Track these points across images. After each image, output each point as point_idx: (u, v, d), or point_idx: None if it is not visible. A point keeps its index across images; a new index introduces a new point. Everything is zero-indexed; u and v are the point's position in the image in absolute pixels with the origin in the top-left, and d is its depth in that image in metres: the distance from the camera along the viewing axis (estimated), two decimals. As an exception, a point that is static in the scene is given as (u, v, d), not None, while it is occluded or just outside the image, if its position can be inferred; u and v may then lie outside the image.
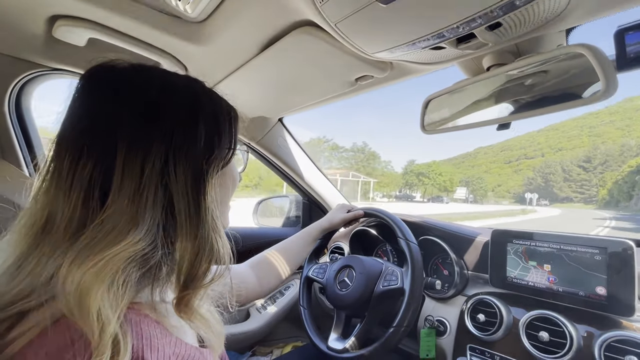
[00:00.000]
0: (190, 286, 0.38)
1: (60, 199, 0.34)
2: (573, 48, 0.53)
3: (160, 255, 0.36)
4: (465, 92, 0.72)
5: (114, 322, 0.29)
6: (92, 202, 0.34)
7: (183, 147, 0.38)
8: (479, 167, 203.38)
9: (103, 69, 0.39)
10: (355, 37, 0.60)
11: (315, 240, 1.02)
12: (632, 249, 0.68)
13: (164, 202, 0.36)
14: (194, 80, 0.43)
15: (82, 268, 0.30)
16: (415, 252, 0.85)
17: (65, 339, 0.28)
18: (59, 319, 0.29)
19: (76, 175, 0.34)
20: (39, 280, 0.31)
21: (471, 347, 0.84)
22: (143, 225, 0.34)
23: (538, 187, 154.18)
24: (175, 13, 0.65)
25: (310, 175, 1.41)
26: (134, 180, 0.34)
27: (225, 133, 0.43)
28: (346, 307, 0.86)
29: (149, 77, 0.40)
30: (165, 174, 0.36)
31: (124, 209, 0.34)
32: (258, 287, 0.85)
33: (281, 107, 1.14)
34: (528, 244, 0.83)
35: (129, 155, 0.35)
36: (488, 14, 0.48)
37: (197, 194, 0.38)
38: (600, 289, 0.71)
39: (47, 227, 0.34)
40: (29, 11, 0.64)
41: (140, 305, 0.36)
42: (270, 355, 1.28)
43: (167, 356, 0.33)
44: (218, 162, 0.42)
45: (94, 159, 0.35)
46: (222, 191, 0.47)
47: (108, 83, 0.38)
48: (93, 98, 0.38)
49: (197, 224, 0.38)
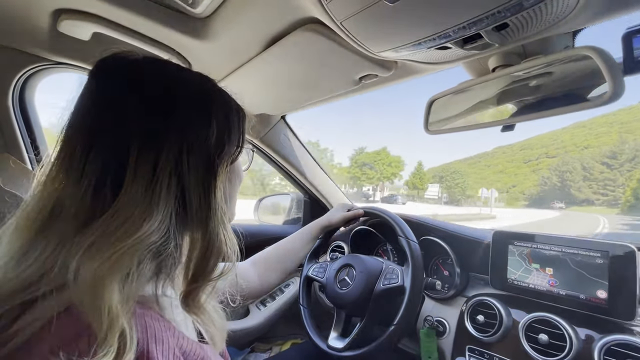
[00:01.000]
0: (199, 280, 0.38)
1: (70, 187, 0.34)
2: (580, 50, 0.52)
3: (172, 247, 0.36)
4: (469, 92, 0.72)
5: (122, 317, 0.29)
6: (104, 191, 0.34)
7: (196, 140, 0.38)
8: (494, 167, 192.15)
9: (114, 60, 0.39)
10: (361, 35, 0.60)
11: (316, 238, 1.02)
12: (634, 253, 0.68)
13: (176, 193, 0.37)
14: (206, 78, 0.44)
15: (97, 259, 0.30)
16: (416, 251, 0.85)
17: (71, 331, 0.28)
18: (67, 309, 0.29)
19: (87, 164, 0.34)
20: (48, 267, 0.31)
21: (470, 348, 0.84)
22: (157, 216, 0.34)
23: (553, 188, 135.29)
24: (180, 9, 0.65)
25: (312, 173, 1.41)
26: (148, 171, 0.35)
27: (235, 130, 0.44)
28: (346, 305, 0.86)
29: (163, 69, 0.40)
30: (179, 166, 0.36)
31: (138, 198, 0.34)
32: (258, 284, 0.85)
33: (284, 105, 1.14)
34: (529, 245, 0.83)
35: (143, 148, 0.35)
36: (495, 15, 0.48)
37: (208, 188, 0.39)
38: (601, 293, 0.71)
39: (54, 215, 0.34)
40: (34, 4, 0.64)
41: (144, 298, 0.36)
42: (269, 352, 1.29)
43: (171, 349, 0.33)
44: (228, 159, 0.42)
45: (108, 148, 0.35)
46: (229, 187, 0.48)
47: (121, 73, 0.38)
48: (106, 87, 0.38)
49: (207, 217, 0.38)
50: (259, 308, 1.25)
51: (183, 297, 0.39)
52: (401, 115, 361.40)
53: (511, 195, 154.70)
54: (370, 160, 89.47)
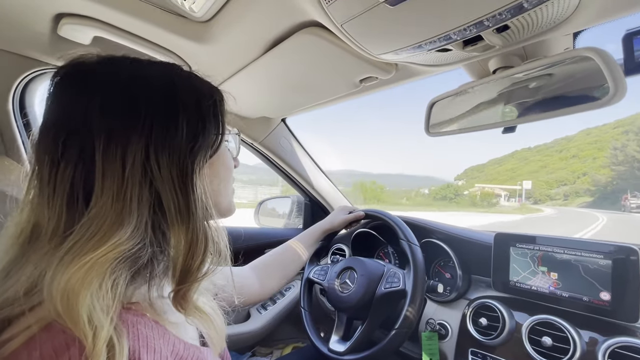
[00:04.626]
0: (186, 280, 0.37)
1: (45, 207, 0.33)
2: (581, 51, 0.52)
3: (152, 253, 0.35)
4: (470, 94, 0.72)
5: (107, 325, 0.28)
6: (77, 205, 0.33)
7: (163, 139, 0.36)
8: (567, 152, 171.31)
9: (72, 65, 0.37)
10: (361, 38, 0.60)
11: (317, 242, 1.02)
12: (638, 255, 0.68)
13: (150, 199, 0.35)
14: (169, 66, 0.41)
15: (68, 271, 0.29)
16: (417, 254, 0.85)
17: (60, 342, 0.28)
18: (51, 322, 0.29)
19: (57, 180, 0.33)
20: (31, 283, 0.30)
21: (473, 351, 0.84)
22: (129, 225, 0.33)
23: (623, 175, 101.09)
24: (180, 12, 0.65)
25: (312, 176, 1.41)
26: (116, 179, 0.33)
27: (210, 119, 0.40)
28: (348, 309, 0.86)
29: (118, 67, 0.38)
30: (148, 169, 0.35)
31: (107, 209, 0.32)
32: (260, 289, 0.84)
33: (285, 108, 1.14)
34: (532, 247, 0.83)
35: (107, 152, 0.33)
36: (496, 17, 0.48)
37: (184, 187, 0.36)
38: (605, 295, 0.71)
39: (34, 236, 0.33)
40: (35, 9, 0.64)
41: (137, 305, 0.35)
42: (271, 356, 1.28)
43: (164, 357, 0.33)
44: (205, 151, 0.39)
45: (74, 160, 0.33)
46: (216, 180, 0.45)
47: (77, 78, 0.37)
48: (64, 96, 0.36)
49: (187, 217, 0.36)
50: (260, 312, 1.24)
51: (172, 297, 0.38)
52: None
53: (574, 188, 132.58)
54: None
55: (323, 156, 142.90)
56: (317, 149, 24.35)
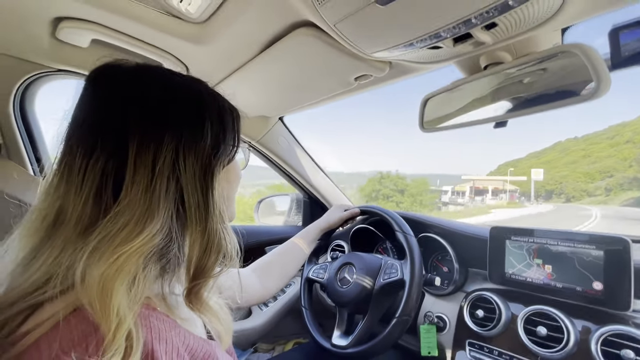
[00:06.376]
0: (200, 277, 0.39)
1: (72, 194, 0.35)
2: (567, 47, 0.54)
3: (176, 247, 0.37)
4: (463, 90, 0.73)
5: (129, 318, 0.30)
6: (105, 196, 0.35)
7: (192, 142, 0.39)
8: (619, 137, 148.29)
9: (109, 68, 0.40)
10: (354, 37, 0.61)
11: (315, 241, 1.03)
12: (629, 245, 0.69)
13: (175, 195, 0.38)
14: (197, 81, 0.45)
15: (103, 262, 0.31)
16: (413, 244, 0.86)
17: (79, 332, 0.29)
18: (75, 310, 0.30)
19: (88, 170, 0.35)
20: (55, 270, 0.32)
21: (470, 342, 0.85)
22: (158, 218, 0.35)
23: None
24: (177, 14, 0.66)
25: (311, 174, 1.42)
26: (147, 174, 0.36)
27: (229, 131, 0.45)
28: (348, 303, 0.87)
29: (154, 76, 0.41)
30: (177, 167, 0.38)
31: (137, 200, 0.35)
32: (261, 290, 0.86)
33: (281, 107, 1.15)
34: (527, 240, 0.84)
35: (140, 151, 0.36)
36: (483, 15, 0.49)
37: (205, 188, 0.40)
38: (597, 285, 0.72)
39: (59, 222, 0.35)
40: (33, 13, 0.65)
41: (149, 299, 0.37)
42: (272, 352, 1.30)
43: (175, 347, 0.34)
44: (224, 158, 0.43)
45: (106, 155, 0.36)
46: (228, 186, 0.49)
47: (115, 82, 0.39)
48: (101, 97, 0.39)
49: (205, 216, 0.39)
50: (261, 308, 1.26)
51: (185, 294, 0.40)
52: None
53: (618, 180, 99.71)
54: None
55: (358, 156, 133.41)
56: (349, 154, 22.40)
